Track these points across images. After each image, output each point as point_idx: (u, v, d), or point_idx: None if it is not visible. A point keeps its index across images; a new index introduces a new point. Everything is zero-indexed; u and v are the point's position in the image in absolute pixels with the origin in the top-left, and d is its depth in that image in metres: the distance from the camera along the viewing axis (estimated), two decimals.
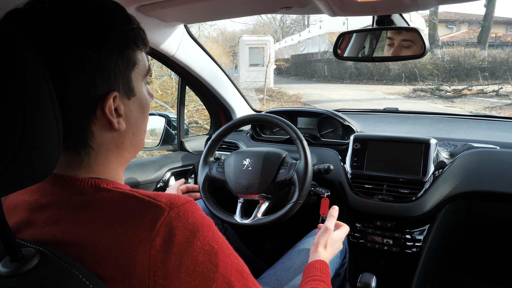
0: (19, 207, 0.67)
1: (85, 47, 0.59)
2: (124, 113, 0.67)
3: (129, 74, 0.67)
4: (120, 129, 0.67)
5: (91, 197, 0.63)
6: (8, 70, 0.45)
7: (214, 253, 0.62)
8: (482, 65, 16.27)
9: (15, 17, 0.60)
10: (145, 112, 0.73)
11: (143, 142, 0.76)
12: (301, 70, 24.93)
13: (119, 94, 0.65)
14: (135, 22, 0.67)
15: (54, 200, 0.64)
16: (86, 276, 0.54)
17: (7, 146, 0.45)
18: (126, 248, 0.58)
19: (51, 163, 0.53)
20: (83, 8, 0.61)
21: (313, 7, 1.20)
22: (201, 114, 8.06)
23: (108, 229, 0.59)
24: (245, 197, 1.43)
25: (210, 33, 32.66)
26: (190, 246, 0.59)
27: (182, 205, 0.62)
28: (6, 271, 0.52)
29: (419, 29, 1.30)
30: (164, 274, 0.57)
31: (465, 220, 1.58)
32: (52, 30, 0.58)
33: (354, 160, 1.62)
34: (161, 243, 0.58)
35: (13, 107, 0.45)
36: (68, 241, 0.60)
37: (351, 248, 1.64)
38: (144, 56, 0.71)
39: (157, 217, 0.59)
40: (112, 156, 0.70)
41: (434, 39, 19.44)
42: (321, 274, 1.00)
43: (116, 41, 0.63)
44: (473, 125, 2.02)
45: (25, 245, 0.56)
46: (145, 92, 0.73)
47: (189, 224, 0.60)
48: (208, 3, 1.20)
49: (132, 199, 0.62)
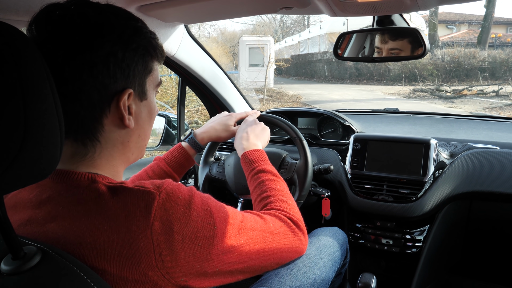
0: (18, 205, 0.68)
1: (114, 43, 0.65)
2: (134, 113, 0.72)
3: (145, 78, 0.73)
4: (129, 126, 0.71)
5: (86, 191, 0.64)
6: (11, 68, 0.46)
7: (209, 214, 0.69)
8: (482, 65, 16.26)
9: (53, 10, 0.65)
10: (152, 118, 0.79)
11: (144, 148, 0.81)
12: (301, 71, 24.93)
13: (134, 93, 0.70)
14: (157, 37, 0.75)
15: (53, 195, 0.65)
16: (88, 274, 0.54)
17: (10, 144, 0.45)
18: (128, 239, 0.60)
19: (53, 161, 0.53)
20: (114, 12, 0.69)
21: (314, 7, 1.20)
22: (201, 114, 8.07)
23: (106, 223, 0.60)
24: (245, 197, 1.43)
25: (210, 33, 32.71)
26: (188, 218, 0.64)
27: (166, 185, 0.65)
28: (8, 269, 0.52)
29: (419, 29, 1.30)
30: (169, 252, 0.61)
31: (465, 221, 1.58)
32: (87, 25, 0.64)
33: (354, 160, 1.62)
34: (161, 225, 0.61)
35: (16, 105, 0.46)
36: (67, 237, 0.61)
37: (351, 248, 1.64)
38: (158, 69, 0.77)
39: (150, 202, 0.62)
40: (117, 153, 0.73)
41: (434, 39, 19.43)
42: (257, 163, 1.08)
43: (140, 45, 0.69)
44: (473, 126, 2.02)
45: (27, 243, 0.57)
46: (154, 100, 0.79)
47: (180, 200, 0.65)
48: (209, 3, 1.20)
49: (121, 190, 0.64)
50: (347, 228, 1.69)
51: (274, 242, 0.82)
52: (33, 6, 0.98)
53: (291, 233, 0.88)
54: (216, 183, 1.50)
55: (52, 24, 0.63)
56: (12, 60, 0.46)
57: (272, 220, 0.86)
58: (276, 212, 0.93)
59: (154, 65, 0.75)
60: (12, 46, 0.47)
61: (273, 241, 0.82)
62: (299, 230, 0.92)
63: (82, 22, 0.64)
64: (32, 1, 0.94)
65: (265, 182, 1.03)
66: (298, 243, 0.90)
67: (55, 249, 0.57)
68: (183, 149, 1.24)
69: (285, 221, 0.90)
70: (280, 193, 1.00)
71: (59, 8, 0.65)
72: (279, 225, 0.87)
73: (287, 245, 0.86)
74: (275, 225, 0.85)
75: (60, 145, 0.54)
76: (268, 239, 0.81)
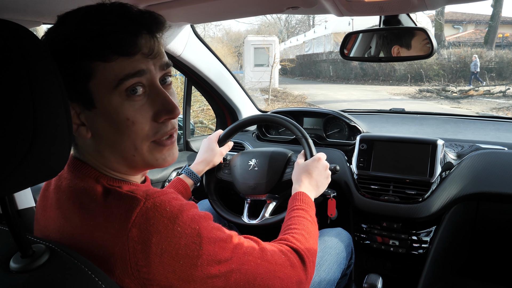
0: (50, 185, 0.73)
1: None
2: (86, 122, 0.66)
3: (84, 84, 0.64)
4: (82, 137, 0.67)
5: (86, 186, 0.66)
6: (20, 68, 0.46)
7: (197, 233, 0.64)
8: (489, 65, 16.19)
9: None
10: (118, 127, 0.66)
11: (143, 156, 0.70)
12: (306, 71, 24.90)
13: (73, 102, 0.65)
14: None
15: (63, 183, 0.69)
16: (95, 272, 0.55)
17: (19, 143, 0.46)
18: (106, 239, 0.60)
19: (62, 160, 0.54)
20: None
21: (320, 7, 1.19)
22: (206, 114, 8.07)
23: (92, 219, 0.62)
24: (252, 197, 1.43)
25: (215, 33, 32.78)
26: (170, 233, 0.61)
27: (158, 196, 0.63)
28: (17, 266, 0.53)
29: (427, 29, 1.29)
30: (146, 263, 0.59)
31: (472, 222, 1.56)
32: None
33: (360, 161, 1.61)
34: (139, 234, 0.59)
35: (25, 105, 0.46)
36: (66, 228, 0.65)
37: (357, 249, 1.63)
38: (114, 66, 0.63)
39: (133, 207, 0.61)
40: (102, 158, 0.70)
41: (441, 39, 19.36)
42: (301, 203, 1.06)
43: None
44: (480, 126, 2.01)
45: (36, 241, 0.58)
46: (122, 106, 0.65)
47: (166, 212, 0.62)
48: (215, 3, 1.20)
49: (113, 192, 0.64)
50: (353, 228, 1.68)
51: (268, 272, 0.75)
52: (42, 7, 0.99)
53: (289, 266, 0.82)
54: (223, 184, 1.50)
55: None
56: (22, 59, 0.46)
57: (272, 249, 0.81)
58: (283, 242, 0.89)
59: (95, 65, 0.63)
60: (21, 45, 0.47)
61: (267, 270, 0.75)
62: (302, 264, 0.85)
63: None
64: (41, 2, 0.95)
65: (297, 218, 1.00)
66: (296, 278, 0.82)
67: (63, 247, 0.58)
68: (181, 180, 1.33)
69: (286, 253, 0.84)
70: (303, 229, 0.96)
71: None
72: (278, 255, 0.80)
73: (282, 277, 0.78)
74: (273, 255, 0.79)
75: (69, 143, 0.54)
76: (262, 267, 0.75)
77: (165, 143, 0.71)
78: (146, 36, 0.66)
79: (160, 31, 0.68)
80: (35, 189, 1.34)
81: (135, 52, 0.64)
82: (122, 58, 0.63)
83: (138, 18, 0.65)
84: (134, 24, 0.64)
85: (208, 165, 1.42)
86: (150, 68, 0.66)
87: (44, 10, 1.00)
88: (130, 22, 0.64)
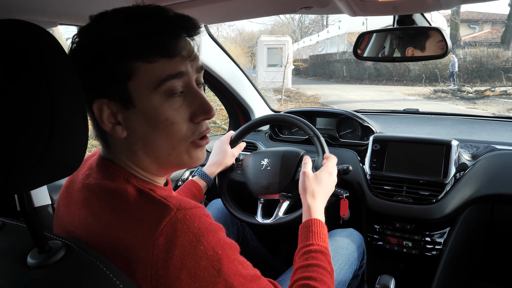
0: (74, 182, 0.74)
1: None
2: (123, 122, 0.68)
3: (123, 84, 0.66)
4: (117, 135, 0.68)
5: (116, 186, 0.67)
6: (38, 67, 0.47)
7: (218, 258, 0.62)
8: (505, 65, 15.87)
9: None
10: (156, 126, 0.68)
11: (178, 155, 0.72)
12: (320, 71, 24.79)
13: (113, 102, 0.67)
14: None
15: (91, 182, 0.69)
16: (111, 269, 0.56)
17: (37, 142, 0.47)
18: (133, 242, 0.60)
19: (79, 158, 0.55)
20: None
21: (334, 7, 1.19)
22: (219, 114, 8.10)
23: (122, 221, 0.62)
24: (265, 197, 1.43)
25: (228, 33, 32.84)
26: (193, 249, 0.60)
27: (190, 208, 0.63)
28: (34, 262, 0.54)
29: (441, 28, 1.28)
30: (165, 274, 0.59)
31: (487, 224, 1.54)
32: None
33: (373, 161, 1.61)
34: (164, 243, 0.59)
35: (43, 104, 0.47)
36: (93, 226, 0.65)
37: (369, 250, 1.62)
38: (152, 66, 0.65)
39: (163, 216, 0.61)
40: (134, 157, 0.72)
41: (456, 39, 19.09)
42: (318, 241, 0.95)
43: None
44: (496, 127, 1.98)
45: (52, 237, 0.59)
46: (161, 106, 0.67)
47: (194, 227, 0.61)
48: (229, 3, 1.20)
49: (146, 195, 0.65)
50: (365, 229, 1.67)
51: None
52: (59, 8, 1.01)
53: None
54: (236, 184, 1.51)
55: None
56: (39, 59, 0.47)
57: None
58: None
59: (136, 65, 0.65)
60: (39, 46, 0.48)
61: None
62: None
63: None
64: (58, 3, 0.97)
65: (317, 269, 0.88)
66: None
67: (79, 244, 0.59)
68: (195, 182, 1.34)
69: None
70: (324, 282, 0.87)
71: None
72: None
73: None
74: None
75: (85, 142, 0.55)
76: None
77: (201, 143, 0.73)
78: (186, 39, 0.69)
79: (197, 34, 0.71)
80: (51, 187, 1.37)
81: (176, 54, 0.66)
82: (164, 59, 0.65)
83: (178, 21, 0.67)
84: (176, 27, 0.67)
85: (220, 166, 1.43)
86: (188, 70, 0.69)
87: (61, 11, 1.02)
88: (171, 25, 0.66)
